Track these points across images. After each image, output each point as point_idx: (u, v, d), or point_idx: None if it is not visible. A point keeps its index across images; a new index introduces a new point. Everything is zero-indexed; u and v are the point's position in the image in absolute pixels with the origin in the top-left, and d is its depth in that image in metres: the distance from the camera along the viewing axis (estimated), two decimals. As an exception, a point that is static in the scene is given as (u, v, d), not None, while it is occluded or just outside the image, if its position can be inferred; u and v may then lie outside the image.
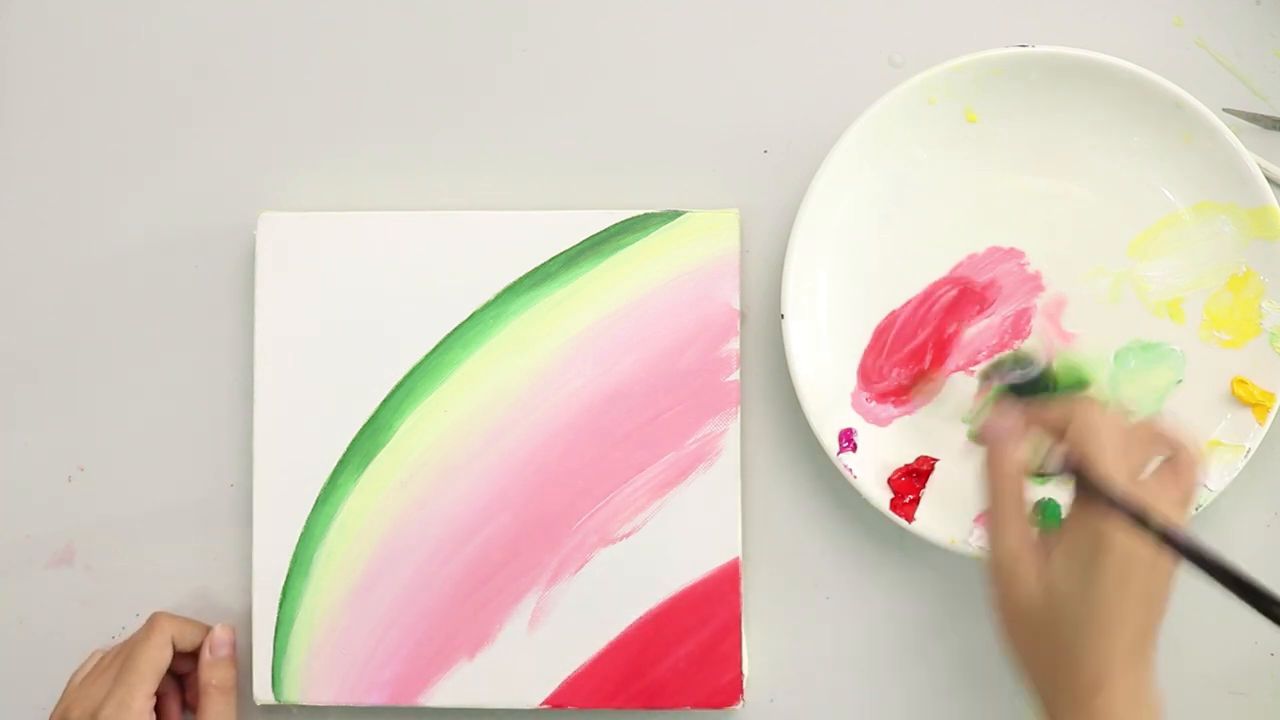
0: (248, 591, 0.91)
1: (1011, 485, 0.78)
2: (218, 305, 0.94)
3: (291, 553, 0.91)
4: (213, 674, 0.89)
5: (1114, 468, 0.76)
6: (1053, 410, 0.79)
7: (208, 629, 0.91)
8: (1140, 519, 0.74)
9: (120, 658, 0.89)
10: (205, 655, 0.90)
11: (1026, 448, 0.79)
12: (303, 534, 0.91)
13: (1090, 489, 0.76)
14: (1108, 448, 0.76)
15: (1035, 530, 0.78)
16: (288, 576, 0.91)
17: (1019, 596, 0.77)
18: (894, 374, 0.90)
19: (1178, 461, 0.78)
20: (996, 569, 0.78)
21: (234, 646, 0.90)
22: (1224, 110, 0.90)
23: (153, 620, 0.89)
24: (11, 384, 0.94)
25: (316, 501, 0.91)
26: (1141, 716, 0.76)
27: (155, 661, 0.88)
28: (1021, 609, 0.77)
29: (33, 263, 0.95)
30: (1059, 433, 0.79)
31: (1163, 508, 0.75)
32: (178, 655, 0.90)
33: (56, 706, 0.88)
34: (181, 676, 0.92)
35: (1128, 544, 0.75)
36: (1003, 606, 0.78)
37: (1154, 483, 0.77)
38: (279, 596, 0.90)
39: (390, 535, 0.90)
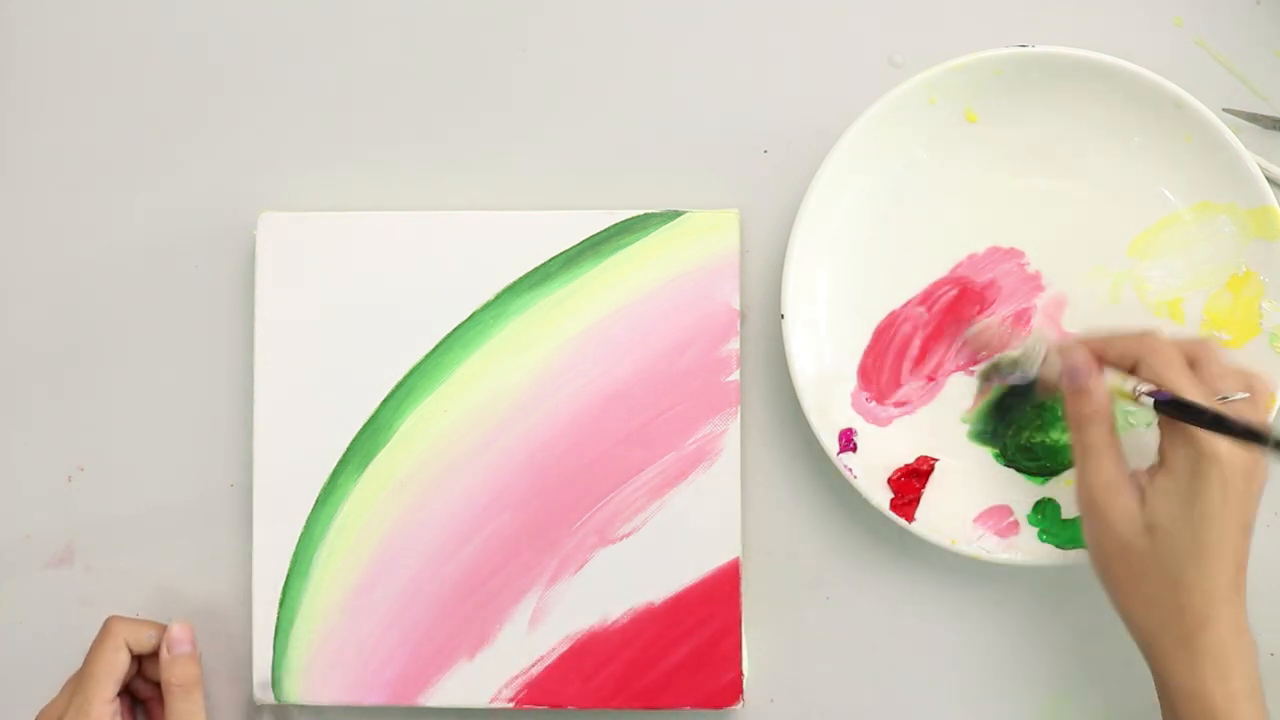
0: (248, 592, 0.91)
1: (1099, 419, 0.81)
2: (218, 305, 0.94)
3: (291, 553, 0.91)
4: (172, 672, 0.88)
5: (1195, 393, 0.78)
6: (1117, 344, 0.82)
7: (164, 628, 0.89)
8: (1250, 434, 0.76)
9: (81, 668, 0.88)
10: (163, 654, 0.89)
11: (1105, 380, 0.81)
12: (303, 534, 0.91)
13: (1187, 413, 0.78)
14: (1183, 375, 0.79)
15: (1127, 463, 0.80)
16: (288, 576, 0.91)
17: (1119, 529, 0.79)
18: (894, 374, 0.90)
19: (1257, 394, 0.80)
20: (1091, 504, 0.80)
21: (193, 643, 0.89)
22: (1224, 110, 0.90)
23: (106, 625, 0.88)
24: (11, 384, 0.94)
25: (316, 501, 0.91)
26: (1244, 646, 0.78)
27: (110, 666, 0.87)
28: (1122, 543, 0.79)
29: (33, 263, 0.95)
30: (1128, 365, 0.81)
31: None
32: (145, 658, 0.89)
33: None
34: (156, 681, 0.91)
35: (1230, 459, 0.77)
36: (1101, 543, 0.80)
37: (1239, 409, 0.79)
38: (279, 597, 0.90)
39: (390, 535, 0.90)
